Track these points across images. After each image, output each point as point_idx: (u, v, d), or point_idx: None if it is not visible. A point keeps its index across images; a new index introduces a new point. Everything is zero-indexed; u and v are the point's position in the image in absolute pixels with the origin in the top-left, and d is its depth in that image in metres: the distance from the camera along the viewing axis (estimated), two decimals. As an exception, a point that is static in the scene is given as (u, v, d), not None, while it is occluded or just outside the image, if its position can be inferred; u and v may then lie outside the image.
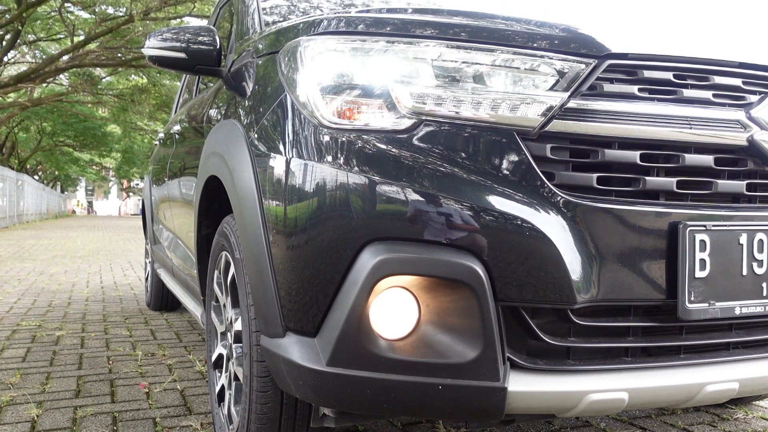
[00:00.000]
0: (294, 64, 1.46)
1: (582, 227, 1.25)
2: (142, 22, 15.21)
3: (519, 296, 1.23)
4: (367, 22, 1.43)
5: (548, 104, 1.28)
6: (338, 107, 1.34)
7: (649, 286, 1.28)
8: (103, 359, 3.01)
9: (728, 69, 1.41)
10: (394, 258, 1.23)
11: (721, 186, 1.36)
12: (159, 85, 19.55)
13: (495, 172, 1.26)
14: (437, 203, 1.24)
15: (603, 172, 1.30)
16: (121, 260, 8.52)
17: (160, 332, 3.67)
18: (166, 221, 3.47)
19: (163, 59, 2.15)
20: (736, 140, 1.36)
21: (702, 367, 1.35)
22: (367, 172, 1.28)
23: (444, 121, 1.29)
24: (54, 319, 4.01)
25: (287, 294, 1.36)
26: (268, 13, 2.48)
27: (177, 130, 3.15)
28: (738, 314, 1.33)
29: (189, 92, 3.48)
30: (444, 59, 1.32)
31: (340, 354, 1.26)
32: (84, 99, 22.11)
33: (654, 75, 1.35)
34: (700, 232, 1.29)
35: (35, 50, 21.15)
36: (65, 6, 17.12)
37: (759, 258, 1.35)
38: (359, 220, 1.26)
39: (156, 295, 4.33)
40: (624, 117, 1.30)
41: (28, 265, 7.56)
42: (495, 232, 1.22)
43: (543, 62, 1.32)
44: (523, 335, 1.29)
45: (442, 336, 1.25)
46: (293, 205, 1.35)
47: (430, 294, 1.25)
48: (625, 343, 1.32)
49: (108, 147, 31.27)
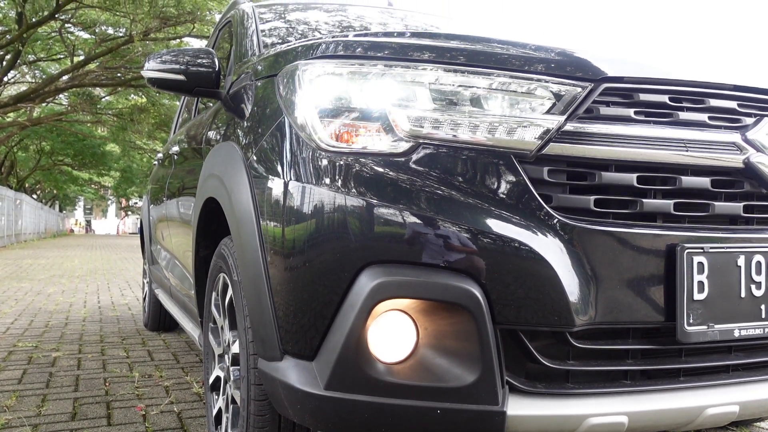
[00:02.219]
0: (292, 87, 1.47)
1: (580, 250, 1.25)
2: (142, 43, 15.30)
3: (517, 319, 1.23)
4: (365, 45, 1.44)
5: (545, 127, 1.28)
6: (336, 130, 1.34)
7: (647, 309, 1.28)
8: (100, 381, 2.99)
9: (723, 92, 1.42)
10: (392, 281, 1.23)
11: (719, 208, 1.37)
12: (158, 105, 19.61)
13: (492, 195, 1.27)
14: (435, 226, 1.24)
15: (600, 195, 1.31)
16: (119, 280, 8.49)
17: (157, 353, 3.65)
18: (164, 241, 3.47)
19: (162, 81, 2.16)
20: (733, 162, 1.37)
21: (702, 390, 1.35)
22: (365, 195, 1.28)
23: (441, 144, 1.29)
24: (51, 340, 3.98)
25: (285, 317, 1.36)
26: (267, 35, 2.50)
27: (176, 150, 3.16)
28: (737, 336, 1.32)
29: (188, 112, 3.49)
30: (441, 83, 1.33)
31: (338, 378, 1.25)
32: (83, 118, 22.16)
33: (650, 98, 1.36)
34: (697, 255, 1.29)
35: (35, 70, 21.26)
36: (65, 27, 17.24)
37: (757, 280, 1.34)
38: (357, 243, 1.26)
39: (153, 315, 4.31)
40: (620, 140, 1.30)
41: (26, 285, 7.53)
42: (493, 255, 1.22)
43: (540, 86, 1.33)
44: (522, 358, 1.29)
45: (441, 359, 1.24)
46: (291, 228, 1.35)
47: (428, 317, 1.25)
48: (624, 366, 1.31)
49: (107, 166, 31.30)
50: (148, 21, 14.31)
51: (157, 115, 20.08)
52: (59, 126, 23.55)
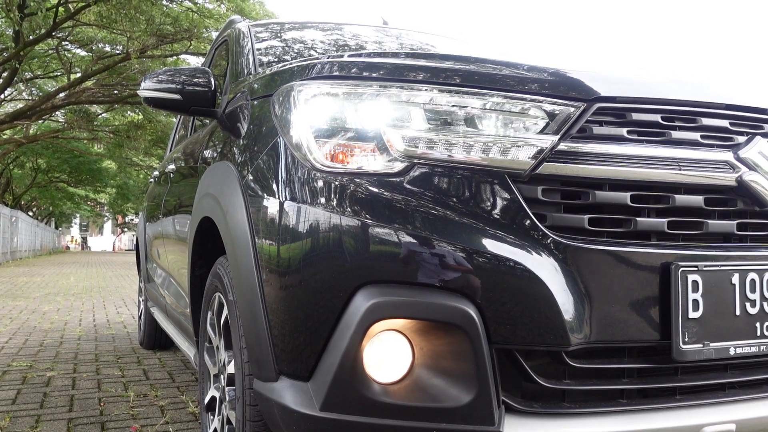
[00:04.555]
0: (287, 107, 1.47)
1: (574, 269, 1.25)
2: (139, 60, 15.37)
3: (513, 339, 1.23)
4: (360, 66, 1.45)
5: (539, 147, 1.29)
6: (331, 150, 1.35)
7: (642, 328, 1.28)
8: (95, 401, 2.97)
9: (715, 110, 1.43)
10: (387, 301, 1.23)
11: (712, 226, 1.37)
12: (155, 122, 19.63)
13: (487, 214, 1.27)
14: (430, 246, 1.24)
15: (594, 214, 1.31)
16: (115, 297, 8.46)
17: (152, 372, 3.63)
18: (160, 259, 3.46)
19: (158, 101, 2.17)
20: (726, 181, 1.38)
21: (698, 408, 1.35)
22: (361, 215, 1.28)
23: (436, 164, 1.30)
24: (45, 359, 3.96)
25: (280, 337, 1.36)
26: (263, 53, 2.51)
27: (172, 168, 3.16)
28: (733, 354, 1.32)
29: (185, 128, 3.50)
30: (436, 103, 1.34)
31: (334, 399, 1.25)
32: (80, 135, 22.19)
33: (642, 117, 1.37)
34: (692, 273, 1.30)
35: (32, 87, 21.30)
36: (62, 44, 17.30)
37: (751, 298, 1.35)
38: (353, 264, 1.26)
39: (149, 333, 4.29)
40: (614, 159, 1.31)
41: (21, 303, 7.49)
42: (488, 275, 1.23)
43: (533, 106, 1.34)
44: (518, 378, 1.29)
45: (437, 380, 1.24)
46: (286, 248, 1.35)
47: (423, 337, 1.25)
48: (620, 385, 1.31)
49: (103, 182, 31.28)
50: (145, 38, 14.38)
51: (154, 132, 20.12)
52: (55, 143, 23.56)
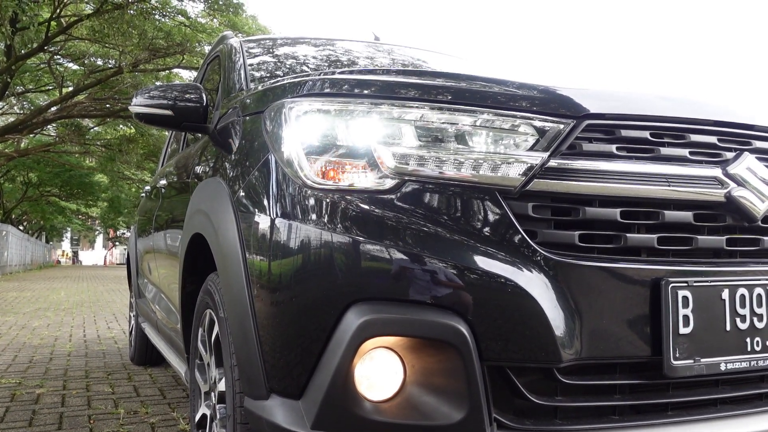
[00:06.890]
0: (279, 123, 1.47)
1: (565, 285, 1.25)
2: (131, 74, 15.37)
3: (504, 356, 1.23)
4: (351, 83, 1.46)
5: (529, 164, 1.30)
6: (322, 168, 1.35)
7: (633, 344, 1.28)
8: (84, 418, 2.94)
9: (704, 127, 1.44)
10: (378, 318, 1.22)
11: (702, 242, 1.38)
12: (147, 135, 19.60)
13: (478, 231, 1.27)
14: (421, 263, 1.24)
15: (584, 230, 1.31)
16: (106, 312, 8.39)
17: (143, 388, 3.60)
18: (151, 275, 3.44)
19: (150, 117, 2.17)
20: (714, 197, 1.39)
21: (690, 424, 1.35)
22: (352, 232, 1.28)
23: (427, 181, 1.30)
24: (35, 376, 3.92)
25: (271, 355, 1.35)
26: (255, 69, 2.52)
27: (163, 183, 3.15)
28: (724, 370, 1.33)
29: (177, 142, 3.49)
30: (426, 120, 1.35)
31: (325, 417, 1.24)
32: (71, 149, 22.13)
33: (631, 134, 1.38)
34: (682, 288, 1.30)
35: (23, 101, 21.26)
36: (54, 58, 17.29)
37: (741, 313, 1.35)
38: (344, 281, 1.26)
39: (140, 349, 4.25)
40: (603, 175, 1.32)
41: (10, 319, 7.42)
42: (479, 292, 1.23)
43: (523, 123, 1.35)
44: (510, 395, 1.28)
45: (428, 397, 1.23)
46: (277, 265, 1.35)
47: (415, 355, 1.24)
48: (612, 402, 1.31)
49: (95, 196, 31.17)
50: (138, 53, 14.42)
51: (146, 146, 20.08)
52: (47, 157, 23.48)
